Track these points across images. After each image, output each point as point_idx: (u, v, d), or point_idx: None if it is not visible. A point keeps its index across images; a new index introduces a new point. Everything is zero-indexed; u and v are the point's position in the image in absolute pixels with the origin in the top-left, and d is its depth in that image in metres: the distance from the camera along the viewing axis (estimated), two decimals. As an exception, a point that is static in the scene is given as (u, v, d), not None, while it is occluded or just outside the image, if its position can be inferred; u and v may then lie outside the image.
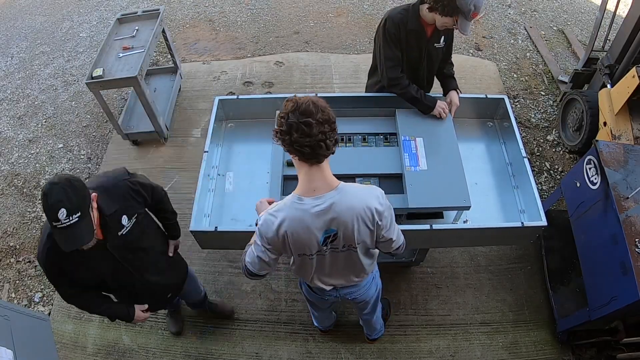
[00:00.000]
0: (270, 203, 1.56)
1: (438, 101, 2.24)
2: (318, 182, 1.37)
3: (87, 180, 1.89)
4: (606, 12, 3.18)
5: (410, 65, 2.28)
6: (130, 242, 1.71)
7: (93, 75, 3.06)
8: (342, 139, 2.26)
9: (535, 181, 2.18)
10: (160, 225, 2.05)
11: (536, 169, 3.41)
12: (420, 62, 2.27)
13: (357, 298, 1.87)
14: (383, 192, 1.46)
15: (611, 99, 2.92)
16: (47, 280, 2.98)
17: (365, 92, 2.58)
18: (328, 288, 1.75)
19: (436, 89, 2.45)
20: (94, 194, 1.52)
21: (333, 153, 1.37)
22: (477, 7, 1.90)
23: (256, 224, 1.47)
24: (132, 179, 1.75)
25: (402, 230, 1.96)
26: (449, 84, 2.36)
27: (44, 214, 3.28)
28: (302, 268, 1.63)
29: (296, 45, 4.48)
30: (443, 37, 2.20)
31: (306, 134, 1.26)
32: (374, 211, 1.40)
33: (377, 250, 1.67)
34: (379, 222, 1.44)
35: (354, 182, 2.06)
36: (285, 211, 1.38)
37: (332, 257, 1.55)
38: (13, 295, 2.95)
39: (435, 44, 2.21)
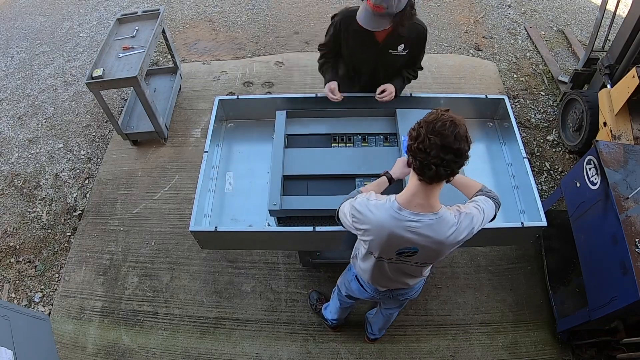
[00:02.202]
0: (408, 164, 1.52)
1: (328, 84, 2.22)
2: (421, 200, 1.35)
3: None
4: (606, 12, 3.18)
5: (358, 66, 2.25)
6: None
7: (93, 76, 3.06)
8: (343, 139, 2.26)
9: (535, 181, 2.18)
10: None
11: (536, 169, 3.41)
12: (368, 64, 2.21)
13: (407, 298, 1.91)
14: (478, 221, 1.43)
15: (611, 99, 2.92)
16: (47, 280, 2.98)
17: None
18: (383, 289, 1.80)
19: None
20: None
21: (448, 182, 1.35)
22: None
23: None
24: None
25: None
26: (394, 79, 2.25)
27: (44, 214, 3.30)
28: (366, 262, 1.66)
29: (296, 45, 4.48)
30: (403, 45, 2.08)
31: (424, 151, 1.23)
32: (458, 243, 1.43)
33: None
34: (455, 248, 1.47)
35: (354, 182, 2.08)
36: (382, 212, 1.38)
37: (398, 267, 1.58)
38: (13, 295, 2.95)
39: (391, 50, 2.10)
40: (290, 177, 2.11)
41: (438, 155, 1.21)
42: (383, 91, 2.19)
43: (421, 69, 2.33)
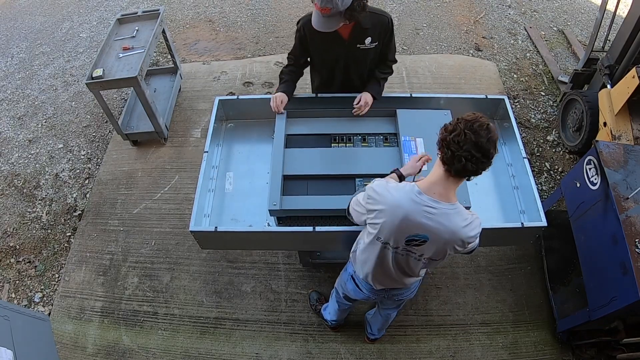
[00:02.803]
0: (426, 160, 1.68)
1: (279, 94, 2.22)
2: (441, 189, 1.42)
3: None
4: (606, 12, 3.18)
5: (330, 66, 2.25)
6: None
7: (93, 76, 3.06)
8: (343, 139, 2.26)
9: (535, 181, 2.18)
10: None
11: (536, 170, 3.41)
12: (339, 63, 2.21)
13: (403, 298, 1.93)
14: (481, 224, 1.50)
15: (611, 99, 2.92)
16: (47, 280, 2.98)
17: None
18: (378, 288, 1.80)
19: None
20: None
21: (468, 180, 1.42)
22: None
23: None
24: None
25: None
26: (368, 85, 2.25)
27: (44, 214, 3.30)
28: (367, 253, 1.67)
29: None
30: (370, 38, 2.06)
31: (458, 143, 1.29)
32: (465, 242, 1.47)
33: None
34: (460, 250, 1.52)
35: (354, 182, 2.08)
36: (401, 196, 1.44)
37: (399, 259, 1.59)
38: (13, 295, 2.95)
39: (358, 45, 2.09)
40: (290, 177, 2.11)
41: (470, 151, 1.29)
42: (359, 101, 2.21)
43: (394, 62, 2.29)
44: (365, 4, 1.88)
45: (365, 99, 2.21)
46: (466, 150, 1.29)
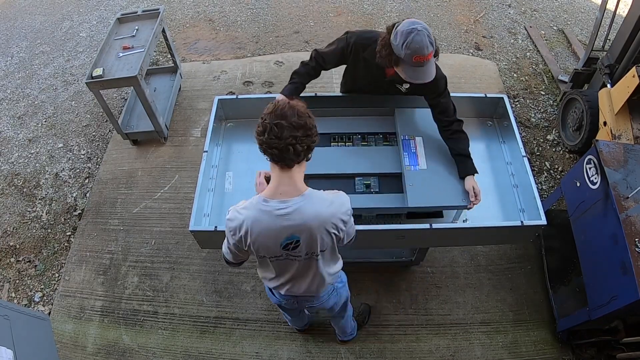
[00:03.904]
0: (267, 177, 1.57)
1: (279, 94, 2.14)
2: (286, 187, 1.38)
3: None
4: (606, 12, 3.18)
5: (361, 89, 2.22)
6: None
7: (93, 75, 3.06)
8: (342, 139, 2.26)
9: (535, 181, 2.17)
10: None
11: (536, 169, 3.41)
12: (371, 91, 2.18)
13: (314, 308, 1.86)
14: (348, 198, 1.47)
15: (611, 98, 2.92)
16: (47, 279, 2.98)
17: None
18: (287, 295, 1.75)
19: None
20: None
21: (307, 160, 1.40)
22: (417, 50, 1.68)
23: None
24: None
25: (402, 230, 1.97)
26: (461, 165, 2.00)
27: (44, 214, 3.30)
28: (263, 270, 1.65)
29: (296, 45, 4.48)
30: (409, 84, 1.97)
31: (277, 136, 1.28)
32: (340, 220, 1.42)
33: (339, 263, 1.69)
34: (342, 229, 1.46)
35: (354, 181, 2.08)
36: (250, 210, 1.40)
37: (292, 265, 1.55)
38: (13, 295, 2.96)
39: (397, 85, 2.05)
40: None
41: (290, 135, 1.29)
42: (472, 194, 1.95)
43: (456, 120, 2.03)
44: (438, 48, 1.82)
45: (475, 187, 1.94)
46: (287, 137, 1.28)
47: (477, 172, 1.98)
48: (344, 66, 2.23)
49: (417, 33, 1.68)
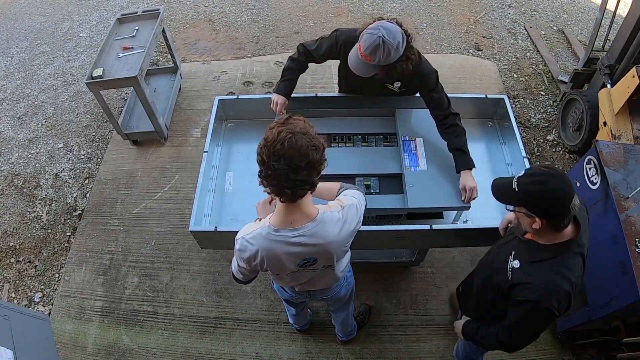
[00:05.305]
0: (270, 202, 1.55)
1: (281, 97, 2.16)
2: (296, 215, 1.32)
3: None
4: (606, 12, 3.18)
5: (352, 87, 2.24)
6: None
7: (93, 75, 3.06)
8: (343, 139, 2.26)
9: (535, 181, 2.17)
10: None
11: (536, 169, 3.40)
12: (362, 89, 2.20)
13: (328, 298, 1.88)
14: (359, 198, 1.44)
15: (611, 99, 2.92)
16: (47, 280, 2.98)
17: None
18: (302, 291, 1.77)
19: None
20: None
21: (313, 192, 1.31)
22: (363, 42, 1.73)
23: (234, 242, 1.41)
24: None
25: (402, 231, 1.97)
26: (457, 160, 2.00)
27: (44, 214, 3.30)
28: (278, 279, 1.66)
29: (296, 45, 4.46)
30: (401, 83, 2.02)
31: (279, 179, 1.18)
32: (354, 231, 1.42)
33: (348, 254, 1.68)
34: (356, 233, 1.45)
35: (354, 182, 2.08)
36: (261, 241, 1.34)
37: (308, 274, 1.56)
38: (13, 295, 2.96)
39: (387, 84, 2.06)
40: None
41: (288, 179, 1.18)
42: (464, 191, 1.94)
43: (452, 113, 2.03)
44: (408, 68, 1.82)
45: (468, 184, 1.92)
46: (285, 181, 1.18)
47: (474, 167, 1.98)
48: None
49: (373, 35, 1.72)
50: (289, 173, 1.17)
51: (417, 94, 2.14)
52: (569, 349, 2.56)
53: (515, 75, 4.09)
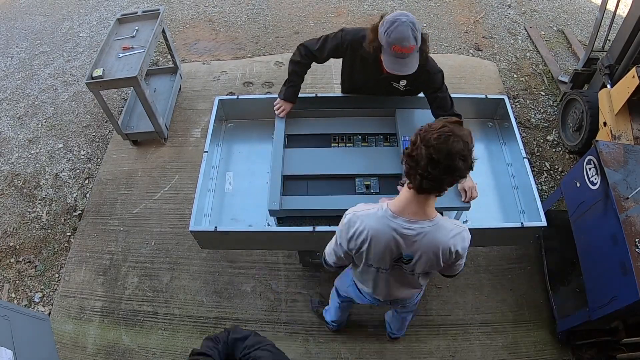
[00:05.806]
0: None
1: (282, 103, 2.20)
2: (416, 208, 1.33)
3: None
4: (606, 12, 3.18)
5: (358, 87, 2.24)
6: None
7: (93, 76, 3.06)
8: (343, 139, 2.26)
9: (535, 181, 2.17)
10: None
11: (536, 169, 3.41)
12: (367, 89, 2.20)
13: (405, 306, 1.94)
14: (470, 236, 1.44)
15: (611, 99, 2.92)
16: (47, 280, 2.98)
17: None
18: (381, 299, 1.79)
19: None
20: None
21: (440, 195, 1.31)
22: (396, 40, 1.70)
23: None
24: None
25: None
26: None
27: (44, 214, 3.30)
28: (364, 275, 1.66)
29: (296, 46, 4.47)
30: (406, 81, 2.03)
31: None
32: (454, 253, 1.41)
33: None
34: (452, 261, 1.45)
35: (354, 182, 2.08)
36: (372, 222, 1.36)
37: (393, 277, 1.57)
38: (13, 295, 2.95)
39: (392, 82, 2.06)
40: (290, 177, 2.11)
41: (426, 168, 1.19)
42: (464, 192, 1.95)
43: (455, 114, 2.04)
44: (424, 52, 1.83)
45: (467, 184, 1.92)
46: (421, 167, 1.19)
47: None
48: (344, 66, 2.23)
49: (400, 24, 1.71)
50: (428, 163, 1.18)
51: (420, 94, 2.14)
52: (569, 349, 2.56)
53: (515, 76, 4.10)
